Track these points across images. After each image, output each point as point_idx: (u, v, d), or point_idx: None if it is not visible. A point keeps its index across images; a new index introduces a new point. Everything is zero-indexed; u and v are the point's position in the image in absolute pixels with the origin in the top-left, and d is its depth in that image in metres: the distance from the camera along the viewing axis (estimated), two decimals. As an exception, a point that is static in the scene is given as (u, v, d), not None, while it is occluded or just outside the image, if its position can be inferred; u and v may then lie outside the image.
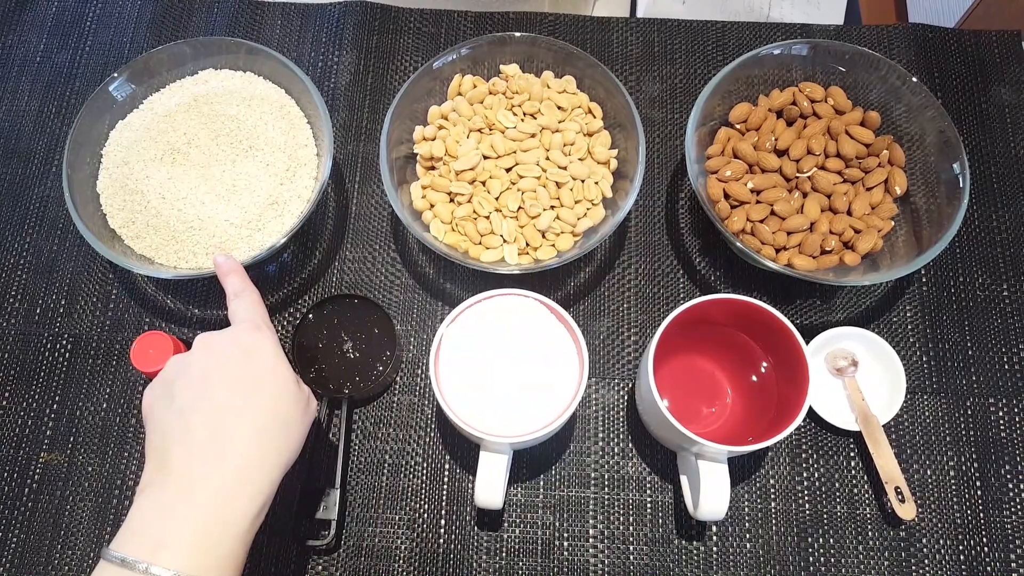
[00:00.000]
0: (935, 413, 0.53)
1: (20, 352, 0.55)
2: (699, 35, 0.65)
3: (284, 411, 0.39)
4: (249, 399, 0.38)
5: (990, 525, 0.50)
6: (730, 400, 0.50)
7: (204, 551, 0.34)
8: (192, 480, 0.36)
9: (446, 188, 0.53)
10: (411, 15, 0.66)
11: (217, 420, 0.37)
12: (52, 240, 0.59)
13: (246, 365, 0.39)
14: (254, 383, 0.39)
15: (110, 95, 0.56)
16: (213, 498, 0.35)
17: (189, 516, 0.35)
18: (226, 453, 0.36)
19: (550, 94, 0.55)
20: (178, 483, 0.36)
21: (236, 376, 0.38)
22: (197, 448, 0.36)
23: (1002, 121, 0.62)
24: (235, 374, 0.38)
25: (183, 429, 0.37)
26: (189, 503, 0.35)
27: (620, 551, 0.50)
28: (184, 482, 0.36)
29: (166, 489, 0.36)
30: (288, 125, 0.56)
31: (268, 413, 0.38)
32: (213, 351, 0.39)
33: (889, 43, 0.64)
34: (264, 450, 0.38)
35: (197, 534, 0.34)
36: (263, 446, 0.38)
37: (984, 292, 0.56)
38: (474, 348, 0.44)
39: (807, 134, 0.55)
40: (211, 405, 0.37)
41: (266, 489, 0.37)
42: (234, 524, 0.36)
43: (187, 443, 0.36)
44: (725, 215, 0.54)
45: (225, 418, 0.37)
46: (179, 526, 0.34)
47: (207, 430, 0.37)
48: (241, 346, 0.40)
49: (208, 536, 0.35)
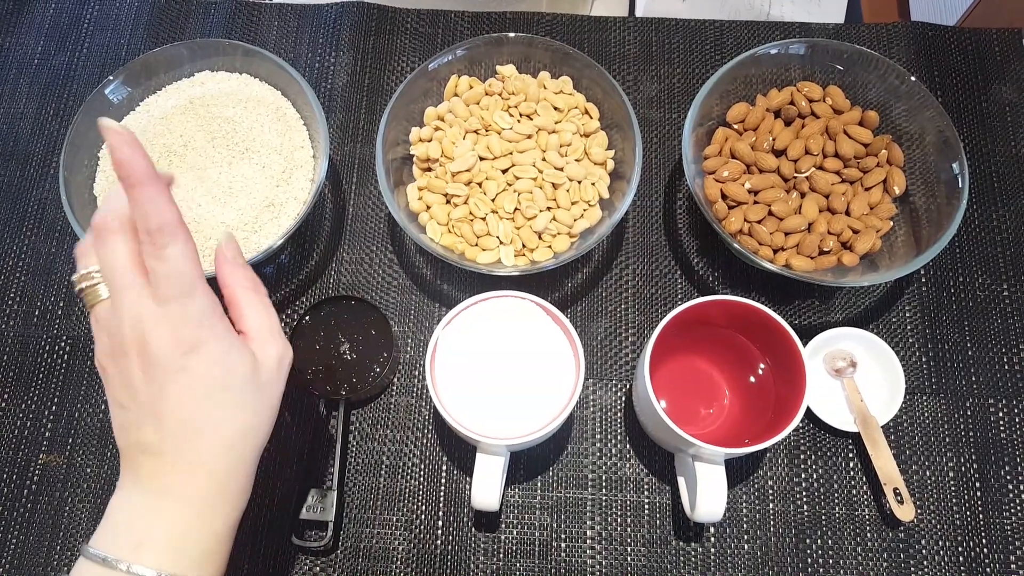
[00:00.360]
0: (934, 414, 0.53)
1: (19, 354, 0.55)
2: (697, 34, 0.65)
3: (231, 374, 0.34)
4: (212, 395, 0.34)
5: (990, 526, 0.50)
6: (728, 401, 0.50)
7: (184, 549, 0.33)
8: (167, 484, 0.34)
9: (442, 190, 0.53)
10: (408, 16, 0.66)
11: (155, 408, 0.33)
12: (50, 242, 0.59)
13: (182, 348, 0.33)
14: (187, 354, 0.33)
15: (107, 97, 0.56)
16: (190, 502, 0.34)
17: (165, 518, 0.33)
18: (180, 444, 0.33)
19: (546, 95, 0.55)
20: (151, 484, 0.34)
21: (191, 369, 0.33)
22: (154, 446, 0.33)
23: (1003, 120, 0.61)
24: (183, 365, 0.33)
25: (135, 424, 0.34)
26: (163, 505, 0.33)
27: (618, 552, 0.50)
28: (158, 484, 0.34)
29: (137, 489, 0.34)
30: (284, 127, 0.56)
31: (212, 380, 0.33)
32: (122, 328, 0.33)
33: (889, 42, 0.64)
34: (215, 420, 0.34)
35: (175, 533, 0.33)
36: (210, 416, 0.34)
37: (984, 292, 0.56)
38: (471, 350, 0.44)
39: (805, 134, 0.54)
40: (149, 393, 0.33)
41: (244, 483, 0.35)
42: (215, 520, 0.34)
43: (142, 442, 0.34)
44: (723, 216, 0.53)
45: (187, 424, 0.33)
46: (157, 526, 0.33)
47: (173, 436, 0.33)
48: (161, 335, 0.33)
49: (188, 534, 0.33)
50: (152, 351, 0.32)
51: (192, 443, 0.34)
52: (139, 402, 0.33)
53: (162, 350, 0.32)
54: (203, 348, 0.33)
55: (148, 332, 0.32)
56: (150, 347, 0.32)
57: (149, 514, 0.33)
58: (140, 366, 0.33)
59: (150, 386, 0.33)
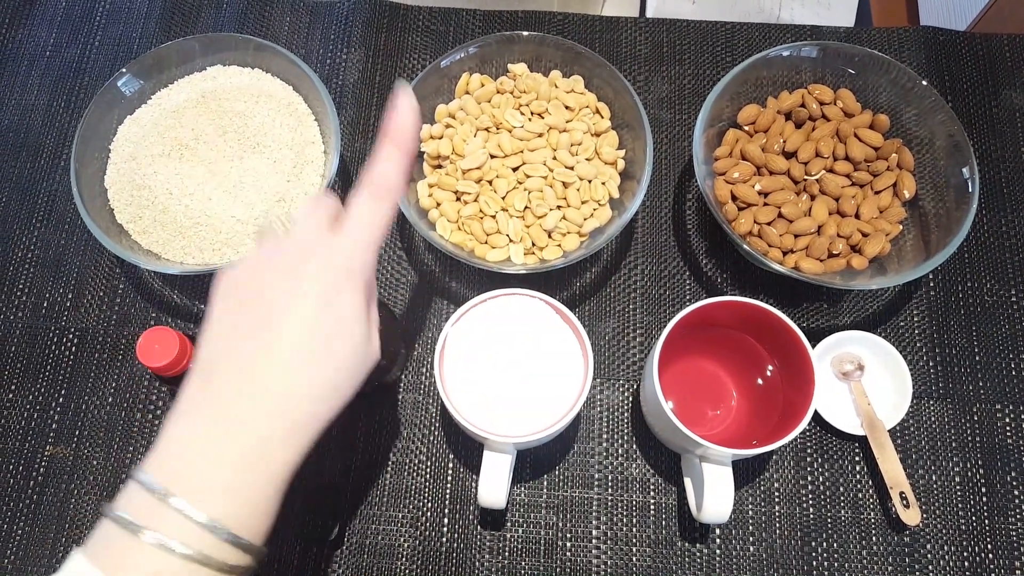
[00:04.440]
0: (941, 418, 0.53)
1: (27, 346, 0.55)
2: (708, 36, 0.65)
3: (349, 374, 0.34)
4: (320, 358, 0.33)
5: (995, 532, 0.50)
6: (735, 403, 0.50)
7: (239, 501, 0.31)
8: (237, 427, 0.32)
9: (452, 187, 0.53)
10: (420, 13, 0.66)
11: (282, 371, 0.32)
12: (60, 234, 0.59)
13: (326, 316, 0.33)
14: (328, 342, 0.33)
15: (119, 90, 0.56)
16: (256, 450, 0.32)
17: (227, 462, 0.31)
18: (287, 408, 0.32)
19: (558, 93, 0.55)
20: (220, 423, 0.32)
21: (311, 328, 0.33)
22: (251, 396, 0.32)
23: (1013, 125, 0.61)
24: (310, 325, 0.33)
25: (240, 369, 0.32)
26: (229, 448, 0.32)
27: (623, 552, 0.50)
28: (228, 425, 0.32)
29: (203, 421, 0.32)
30: (296, 122, 0.56)
31: (330, 376, 0.34)
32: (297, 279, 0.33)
33: (899, 46, 0.64)
34: (318, 410, 0.33)
35: (234, 482, 0.31)
36: (320, 405, 0.33)
37: (992, 297, 0.56)
38: (479, 347, 0.44)
39: (816, 136, 0.54)
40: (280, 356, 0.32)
41: (306, 447, 0.34)
42: (271, 477, 0.32)
43: (242, 386, 0.32)
44: (732, 217, 0.53)
45: (290, 372, 0.32)
46: (216, 469, 0.31)
47: (268, 380, 0.32)
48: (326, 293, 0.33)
49: (245, 487, 0.32)
50: (311, 271, 0.33)
51: (291, 375, 0.32)
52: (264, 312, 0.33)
53: (323, 274, 0.33)
54: (348, 298, 0.33)
55: (320, 254, 0.33)
56: (310, 267, 0.33)
57: (205, 451, 0.32)
58: (290, 276, 0.33)
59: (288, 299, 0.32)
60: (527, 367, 0.44)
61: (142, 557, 0.30)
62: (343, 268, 0.33)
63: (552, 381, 0.44)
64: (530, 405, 0.43)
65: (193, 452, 0.32)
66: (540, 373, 0.44)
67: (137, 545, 0.30)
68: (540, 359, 0.44)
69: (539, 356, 0.44)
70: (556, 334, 0.45)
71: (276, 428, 0.32)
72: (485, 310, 0.45)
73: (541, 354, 0.44)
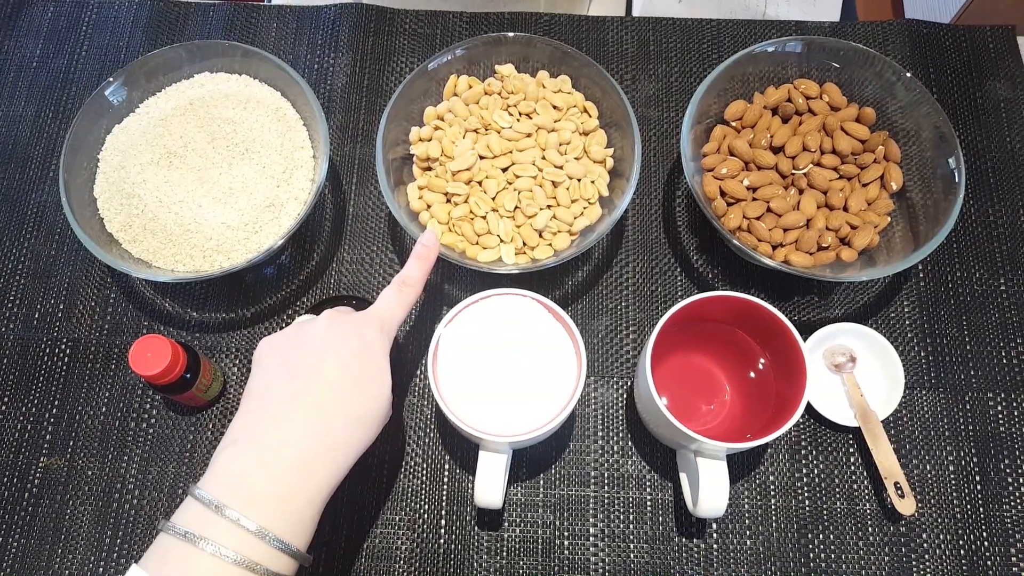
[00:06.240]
0: (934, 408, 0.53)
1: (19, 357, 0.55)
2: (694, 33, 0.65)
3: (375, 410, 0.41)
4: (355, 390, 0.40)
5: (990, 520, 0.50)
6: (728, 397, 0.50)
7: (285, 512, 0.36)
8: (285, 443, 0.37)
9: (442, 189, 0.53)
10: (406, 17, 0.66)
11: (324, 397, 0.39)
12: (50, 245, 0.59)
13: (361, 359, 0.40)
14: (362, 378, 0.40)
15: (106, 99, 0.56)
16: (301, 465, 0.37)
17: (275, 476, 0.37)
18: (327, 428, 0.38)
19: (545, 94, 0.56)
20: (270, 442, 0.37)
21: (348, 365, 0.40)
22: (300, 416, 0.38)
23: (997, 116, 0.62)
24: (348, 363, 0.40)
25: (291, 394, 0.39)
26: (277, 463, 0.37)
27: (621, 549, 0.50)
28: (277, 443, 0.37)
29: (254, 444, 0.37)
30: (284, 128, 0.56)
31: (364, 407, 0.40)
32: (335, 332, 0.41)
33: (884, 39, 0.65)
34: (351, 437, 0.39)
35: (281, 493, 0.36)
36: (353, 432, 0.39)
37: (981, 287, 0.56)
38: (472, 348, 0.44)
39: (802, 131, 0.55)
40: (322, 382, 0.39)
41: (343, 470, 0.39)
42: (315, 491, 0.38)
43: (293, 408, 0.38)
44: (721, 212, 0.54)
45: (330, 398, 0.39)
46: (266, 483, 0.36)
47: (313, 404, 0.38)
48: (363, 340, 0.41)
49: (291, 498, 0.37)
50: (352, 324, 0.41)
51: (333, 396, 0.39)
52: (313, 350, 0.40)
53: (361, 328, 0.41)
54: (379, 351, 0.41)
55: (357, 316, 0.42)
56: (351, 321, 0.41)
57: (258, 471, 0.37)
58: (333, 326, 0.41)
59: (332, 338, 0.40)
60: (521, 366, 0.44)
61: (200, 566, 0.34)
62: (376, 326, 0.41)
63: (546, 380, 0.44)
64: (524, 404, 0.44)
65: (244, 470, 0.37)
66: (534, 372, 0.44)
67: (196, 555, 0.34)
68: (533, 358, 0.44)
69: (532, 355, 0.45)
70: (549, 333, 0.45)
71: (318, 447, 0.38)
72: (478, 311, 0.45)
73: (534, 353, 0.45)
